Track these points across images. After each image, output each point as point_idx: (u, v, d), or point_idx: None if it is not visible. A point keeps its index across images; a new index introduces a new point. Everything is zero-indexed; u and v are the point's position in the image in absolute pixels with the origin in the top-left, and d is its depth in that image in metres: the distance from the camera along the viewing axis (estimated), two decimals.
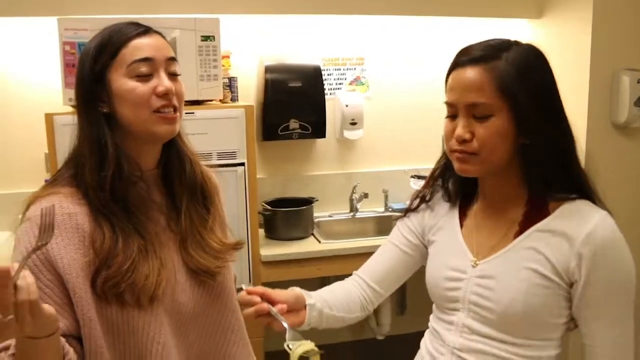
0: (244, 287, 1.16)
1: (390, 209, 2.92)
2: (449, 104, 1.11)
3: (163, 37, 1.15)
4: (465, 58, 1.08)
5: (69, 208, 1.06)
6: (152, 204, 1.15)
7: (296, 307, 1.19)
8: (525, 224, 1.11)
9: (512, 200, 1.14)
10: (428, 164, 3.21)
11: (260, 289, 1.16)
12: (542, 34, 2.84)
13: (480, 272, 1.13)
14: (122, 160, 1.08)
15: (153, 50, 1.09)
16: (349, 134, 2.84)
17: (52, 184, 1.12)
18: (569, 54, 2.62)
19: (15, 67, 2.51)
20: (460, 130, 1.07)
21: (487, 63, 1.05)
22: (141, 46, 1.08)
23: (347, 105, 2.81)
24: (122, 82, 1.08)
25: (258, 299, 1.14)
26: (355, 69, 2.90)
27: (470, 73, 1.06)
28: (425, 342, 1.27)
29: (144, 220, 1.11)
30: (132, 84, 1.07)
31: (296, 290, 1.22)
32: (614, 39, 2.53)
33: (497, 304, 1.09)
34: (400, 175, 2.94)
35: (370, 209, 2.94)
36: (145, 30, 1.11)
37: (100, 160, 1.07)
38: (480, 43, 1.10)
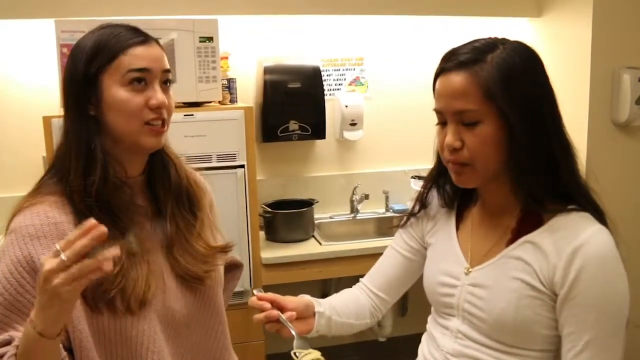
0: (254, 292, 1.17)
1: (391, 210, 2.91)
2: (437, 112, 1.09)
3: (160, 46, 1.12)
4: (450, 64, 1.05)
5: (55, 217, 1.04)
6: (137, 208, 1.13)
7: (305, 315, 1.19)
8: (517, 233, 1.08)
9: (508, 207, 1.10)
10: (428, 164, 3.19)
11: (270, 295, 1.15)
12: (542, 33, 2.83)
13: (473, 280, 1.11)
14: (109, 165, 1.06)
15: (151, 61, 1.07)
16: (348, 135, 2.83)
17: (36, 191, 1.09)
18: (569, 53, 2.61)
19: (13, 69, 2.49)
20: (449, 138, 1.04)
21: (472, 67, 1.01)
22: (140, 55, 1.06)
23: (346, 106, 2.80)
24: (115, 90, 1.05)
25: (268, 305, 1.13)
26: (354, 69, 2.89)
27: (455, 79, 1.03)
28: (422, 346, 1.25)
29: (130, 225, 1.09)
30: (126, 94, 1.05)
31: (306, 298, 1.22)
32: (614, 37, 2.52)
33: (489, 313, 1.07)
34: (401, 176, 2.93)
35: (371, 210, 2.92)
36: (144, 39, 1.08)
37: (88, 165, 1.05)
38: (466, 45, 1.06)
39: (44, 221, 1.03)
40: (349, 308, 1.28)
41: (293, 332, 1.11)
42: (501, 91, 1.00)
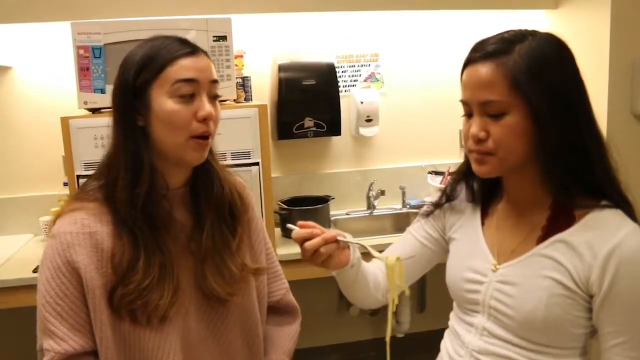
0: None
1: (407, 206, 2.90)
2: (463, 103, 1.08)
3: (208, 57, 1.12)
4: (477, 54, 1.04)
5: (91, 226, 1.07)
6: (174, 221, 1.13)
7: (342, 246, 1.17)
8: (548, 230, 1.07)
9: (536, 202, 1.09)
10: (445, 160, 3.15)
11: (312, 223, 1.13)
12: (559, 24, 2.79)
13: (501, 277, 1.10)
14: (155, 177, 1.07)
15: (198, 71, 1.07)
16: (364, 131, 2.82)
17: (79, 195, 1.12)
18: (587, 44, 2.57)
19: (31, 72, 2.54)
20: (474, 129, 1.04)
21: (499, 58, 1.00)
22: (187, 66, 1.06)
23: (362, 102, 2.79)
24: (163, 102, 1.05)
25: (318, 230, 1.11)
26: (369, 65, 2.88)
27: (482, 69, 1.02)
28: (445, 343, 1.24)
29: (167, 238, 1.10)
30: (174, 105, 1.05)
31: (340, 232, 1.20)
32: (633, 27, 2.47)
33: (517, 311, 1.06)
34: (417, 172, 2.92)
35: (388, 206, 2.91)
36: (193, 50, 1.09)
37: (135, 177, 1.06)
38: (494, 36, 1.06)
39: (80, 229, 1.06)
40: (371, 272, 1.27)
41: (362, 244, 1.12)
42: (528, 80, 0.99)
